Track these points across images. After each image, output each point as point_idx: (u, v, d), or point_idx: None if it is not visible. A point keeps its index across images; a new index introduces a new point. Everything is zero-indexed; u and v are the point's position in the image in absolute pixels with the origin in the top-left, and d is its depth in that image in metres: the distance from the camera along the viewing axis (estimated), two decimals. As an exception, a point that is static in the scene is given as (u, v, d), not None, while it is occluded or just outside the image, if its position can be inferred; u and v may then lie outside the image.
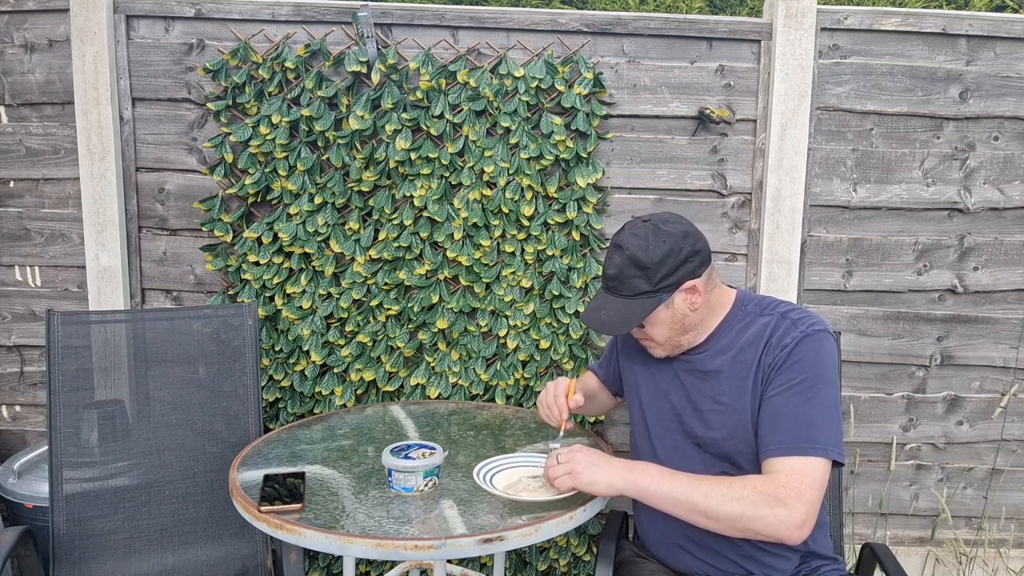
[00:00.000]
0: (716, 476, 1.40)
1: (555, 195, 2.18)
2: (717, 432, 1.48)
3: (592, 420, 2.28)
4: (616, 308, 1.47)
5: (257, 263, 2.19)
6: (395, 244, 2.19)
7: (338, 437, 1.81)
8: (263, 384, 2.23)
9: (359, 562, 2.29)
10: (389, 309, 2.21)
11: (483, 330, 2.23)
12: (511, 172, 2.16)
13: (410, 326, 2.23)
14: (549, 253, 2.20)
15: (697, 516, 1.34)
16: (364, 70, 2.12)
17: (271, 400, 2.25)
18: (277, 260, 2.19)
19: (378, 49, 2.12)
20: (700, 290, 1.45)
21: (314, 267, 2.20)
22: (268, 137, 2.13)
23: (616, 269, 1.47)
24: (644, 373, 1.64)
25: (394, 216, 2.18)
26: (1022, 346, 2.36)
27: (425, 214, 2.18)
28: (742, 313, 1.52)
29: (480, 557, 2.36)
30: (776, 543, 1.43)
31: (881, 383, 2.37)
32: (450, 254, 2.18)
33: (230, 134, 2.14)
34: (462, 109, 2.15)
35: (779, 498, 1.30)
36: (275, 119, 2.12)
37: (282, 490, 1.45)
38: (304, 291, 2.20)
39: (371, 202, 2.19)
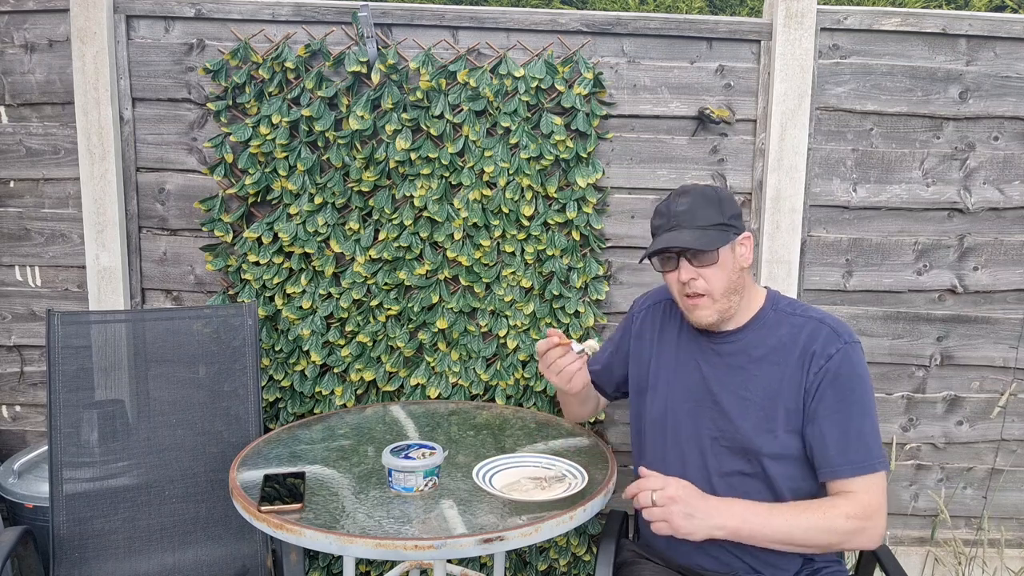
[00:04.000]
0: (803, 504, 1.42)
1: (555, 195, 2.18)
2: (740, 425, 1.49)
3: (592, 420, 2.28)
4: (692, 234, 1.45)
5: (257, 263, 2.19)
6: (395, 244, 2.19)
7: (338, 437, 1.81)
8: (263, 384, 2.23)
9: (359, 562, 2.29)
10: (389, 309, 2.21)
11: (483, 330, 2.23)
12: (511, 172, 2.16)
13: (410, 326, 2.23)
14: (549, 253, 2.20)
15: (793, 548, 1.40)
16: (364, 70, 2.12)
17: (271, 400, 2.25)
18: (277, 260, 2.19)
19: (378, 49, 2.12)
20: (751, 248, 1.52)
21: (314, 267, 2.20)
22: (268, 137, 2.13)
23: (686, 205, 1.48)
24: (664, 367, 1.64)
25: (394, 216, 2.18)
26: (1022, 346, 2.36)
27: (425, 214, 2.18)
28: (774, 312, 1.54)
29: (480, 557, 2.36)
30: None
31: (881, 383, 2.37)
32: (450, 254, 2.18)
33: (230, 134, 2.14)
34: (462, 109, 2.15)
35: (866, 518, 1.39)
36: (275, 119, 2.12)
37: (282, 490, 1.45)
38: (304, 291, 2.20)
39: (371, 202, 2.19)
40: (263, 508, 1.38)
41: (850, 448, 1.42)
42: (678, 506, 1.35)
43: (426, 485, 1.49)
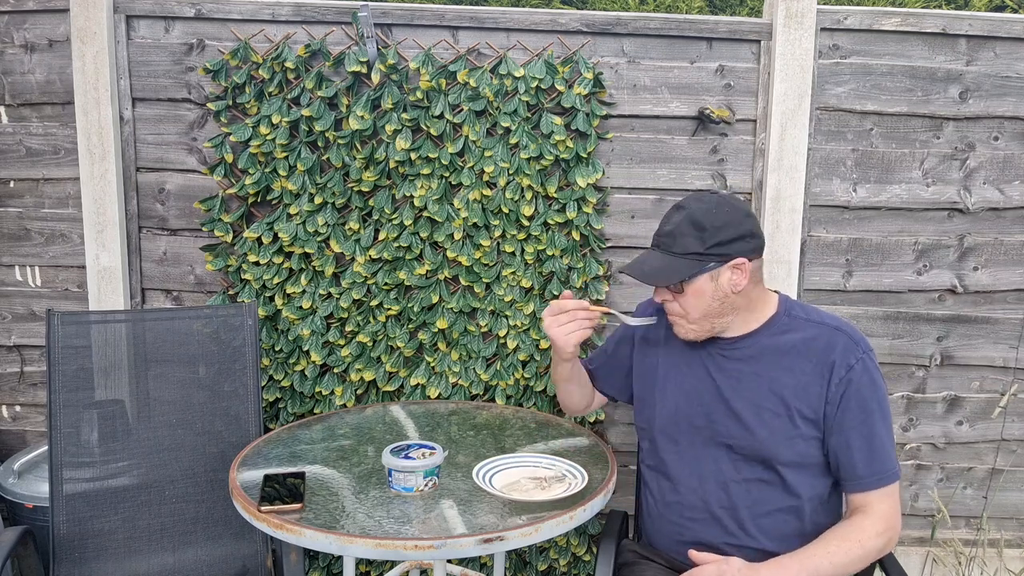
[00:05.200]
0: (835, 537, 1.42)
1: (555, 195, 2.18)
2: (756, 434, 1.48)
3: (592, 420, 2.28)
4: (660, 262, 1.47)
5: (257, 263, 2.19)
6: (395, 244, 2.19)
7: (338, 437, 1.81)
8: (263, 384, 2.23)
9: (359, 562, 2.29)
10: (389, 309, 2.21)
11: (483, 330, 2.23)
12: (511, 172, 2.16)
13: (410, 326, 2.23)
14: (549, 253, 2.20)
15: None
16: (364, 70, 2.12)
17: (271, 400, 2.25)
18: (277, 260, 2.19)
19: (378, 49, 2.12)
20: (747, 273, 1.46)
21: (314, 267, 2.20)
22: (268, 137, 2.13)
23: (672, 225, 1.47)
24: (671, 371, 1.62)
25: (394, 216, 2.18)
26: (1022, 346, 2.36)
27: (425, 214, 2.18)
28: (787, 319, 1.53)
29: (480, 557, 2.36)
30: (791, 547, 1.46)
31: (881, 383, 2.37)
32: (450, 254, 2.18)
33: (230, 134, 2.14)
34: (462, 109, 2.15)
35: (891, 527, 1.44)
36: (275, 119, 2.12)
37: (282, 490, 1.46)
38: (304, 291, 2.20)
39: (371, 202, 2.19)
40: (263, 508, 1.38)
41: (875, 460, 1.44)
42: None
43: (426, 485, 1.49)
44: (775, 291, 1.60)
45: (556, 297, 2.20)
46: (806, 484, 1.49)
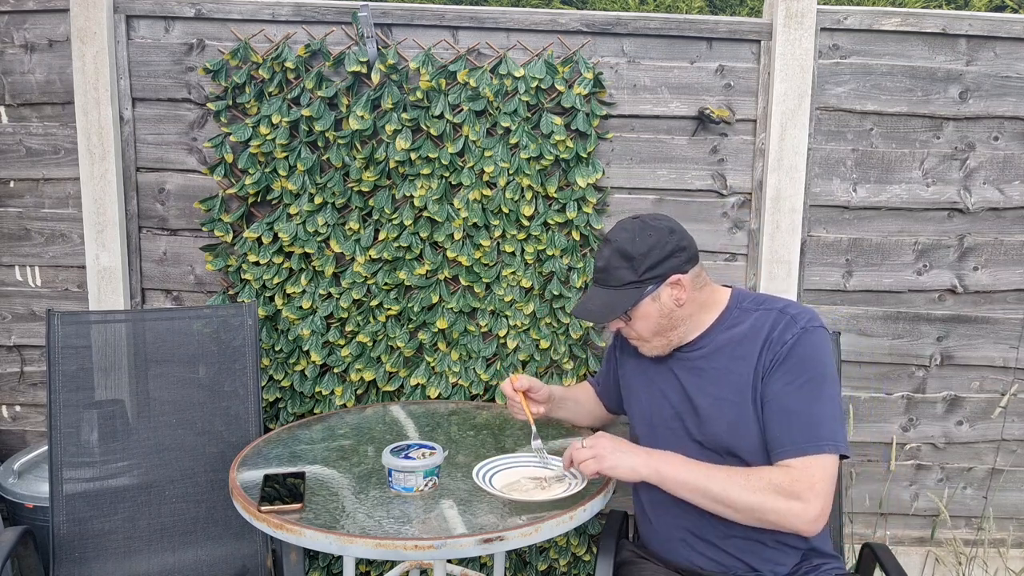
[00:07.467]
0: (735, 467, 1.42)
1: (555, 195, 2.18)
2: (716, 427, 1.49)
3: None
4: (603, 298, 1.52)
5: (257, 263, 2.19)
6: (395, 244, 2.19)
7: (338, 437, 1.81)
8: (263, 384, 2.23)
9: (359, 562, 2.29)
10: (389, 309, 2.21)
11: (483, 330, 2.23)
12: (511, 172, 2.16)
13: (410, 326, 2.23)
14: (549, 253, 2.20)
15: (715, 504, 1.39)
16: (364, 70, 2.12)
17: (271, 400, 2.25)
18: (277, 260, 2.19)
19: (378, 49, 2.12)
20: (686, 286, 1.50)
21: (314, 267, 2.20)
22: (268, 137, 2.13)
23: (604, 261, 1.53)
24: (641, 377, 1.66)
25: (394, 216, 2.18)
26: (1022, 346, 2.36)
27: (425, 214, 2.18)
28: (738, 311, 1.55)
29: (480, 557, 2.36)
30: (782, 536, 1.47)
31: (881, 383, 2.37)
32: (450, 254, 2.18)
33: (230, 134, 2.14)
34: (462, 109, 2.15)
35: (794, 492, 1.34)
36: (275, 119, 2.12)
37: (282, 490, 1.46)
38: (304, 291, 2.20)
39: (371, 202, 2.19)
40: (263, 508, 1.38)
41: (793, 427, 1.39)
42: (606, 439, 1.44)
43: (426, 485, 1.49)
44: (728, 286, 1.62)
45: (556, 297, 2.21)
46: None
